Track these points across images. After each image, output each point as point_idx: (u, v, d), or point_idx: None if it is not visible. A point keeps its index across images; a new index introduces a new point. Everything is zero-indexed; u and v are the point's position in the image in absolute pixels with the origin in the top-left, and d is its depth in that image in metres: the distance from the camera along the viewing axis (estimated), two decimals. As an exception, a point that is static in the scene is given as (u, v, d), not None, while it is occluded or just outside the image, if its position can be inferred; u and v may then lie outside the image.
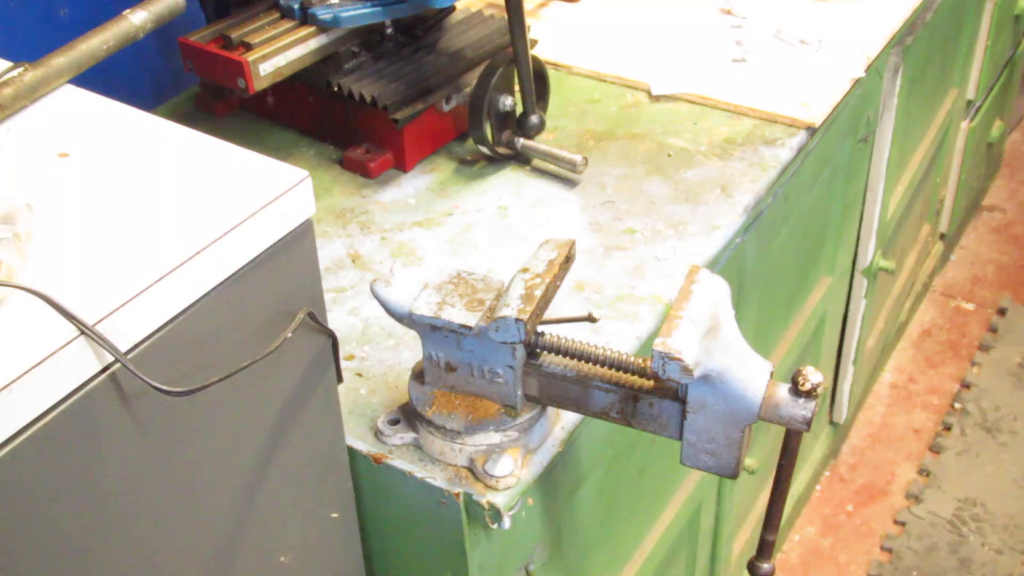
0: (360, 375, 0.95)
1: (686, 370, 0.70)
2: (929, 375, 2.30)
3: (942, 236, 2.44)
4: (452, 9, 1.26)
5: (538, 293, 0.76)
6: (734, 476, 0.79)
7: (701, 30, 1.45)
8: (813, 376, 0.74)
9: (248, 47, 1.09)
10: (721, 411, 0.75)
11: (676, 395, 0.76)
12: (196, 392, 0.64)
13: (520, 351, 0.78)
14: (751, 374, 0.74)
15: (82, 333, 0.58)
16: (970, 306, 2.46)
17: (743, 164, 1.19)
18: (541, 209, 1.14)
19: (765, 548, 0.86)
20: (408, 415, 0.87)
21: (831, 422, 2.01)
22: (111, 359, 0.60)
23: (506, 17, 1.14)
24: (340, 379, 0.83)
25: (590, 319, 0.85)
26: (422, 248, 1.10)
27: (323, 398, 0.81)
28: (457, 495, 0.83)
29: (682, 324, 0.72)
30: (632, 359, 0.78)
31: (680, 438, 0.78)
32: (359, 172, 1.21)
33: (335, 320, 1.00)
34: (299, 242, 0.72)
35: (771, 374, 0.75)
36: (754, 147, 1.22)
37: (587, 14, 1.51)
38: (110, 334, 0.60)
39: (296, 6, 1.12)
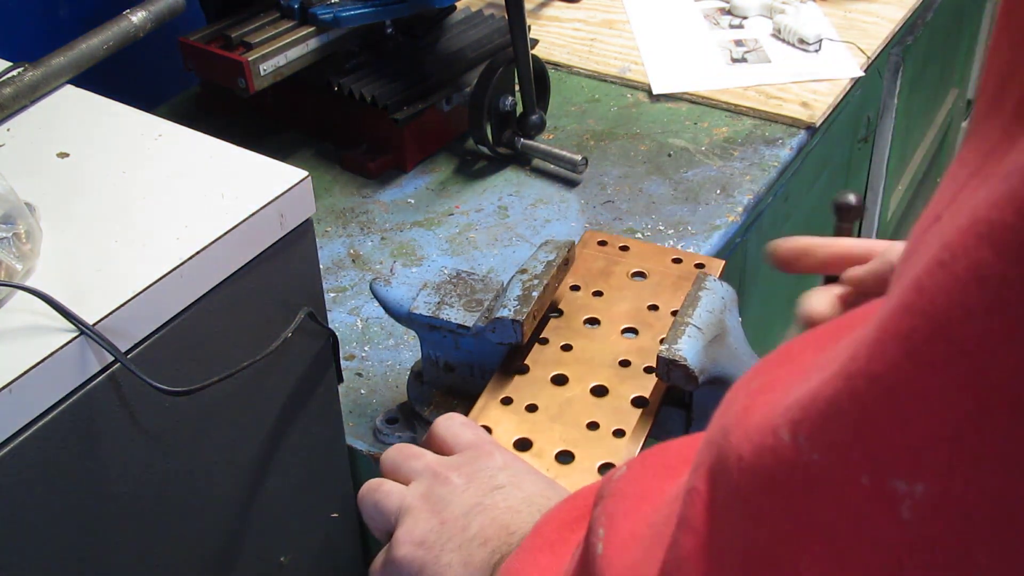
0: (360, 375, 0.95)
1: (691, 377, 0.70)
2: (929, 375, 2.29)
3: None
4: (452, 9, 1.27)
5: (535, 295, 0.76)
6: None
7: (701, 30, 1.45)
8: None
9: (248, 47, 1.09)
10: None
11: (681, 401, 0.76)
12: (196, 392, 0.64)
13: (519, 351, 0.78)
14: (754, 379, 0.74)
15: (82, 333, 0.58)
16: (970, 306, 2.46)
17: (743, 164, 1.19)
18: (541, 209, 1.15)
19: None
20: (406, 414, 0.88)
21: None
22: (111, 359, 0.61)
23: (506, 17, 1.14)
24: (340, 379, 0.83)
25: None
26: (422, 248, 1.10)
27: (323, 398, 0.81)
28: (457, 495, 0.84)
29: (688, 331, 0.72)
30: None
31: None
32: (359, 172, 1.21)
33: (335, 320, 1.00)
34: (299, 242, 0.72)
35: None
36: (754, 147, 1.22)
37: (587, 14, 1.51)
38: (110, 334, 0.60)
39: (296, 6, 1.12)
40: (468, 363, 0.80)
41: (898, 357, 0.27)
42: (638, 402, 0.73)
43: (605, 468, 0.68)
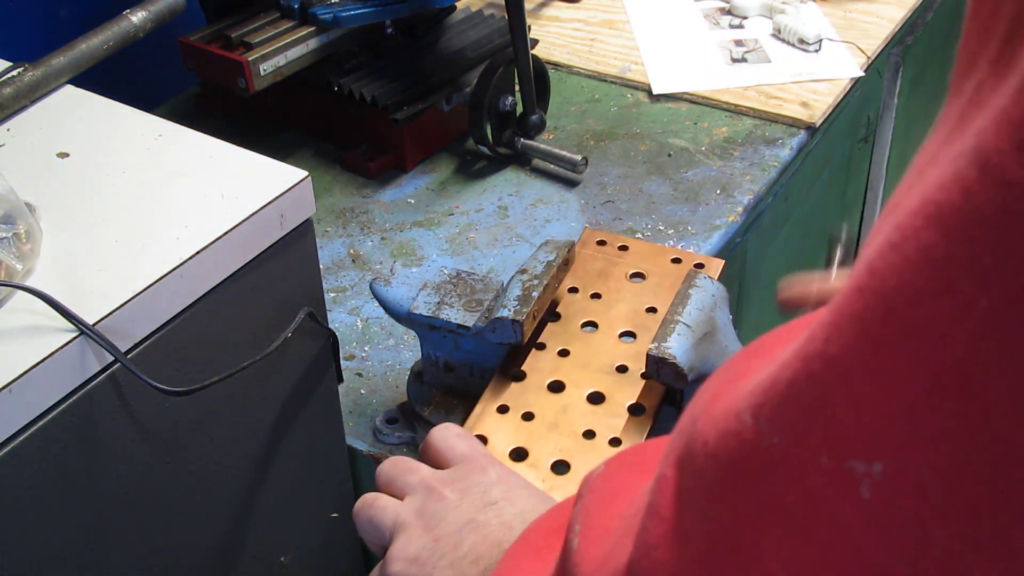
0: (360, 375, 0.95)
1: (680, 375, 0.70)
2: (929, 375, 2.29)
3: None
4: (452, 9, 1.27)
5: (535, 295, 0.76)
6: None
7: (701, 30, 1.45)
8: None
9: (248, 47, 1.09)
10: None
11: (673, 399, 0.76)
12: (196, 392, 0.64)
13: (519, 351, 0.78)
14: (747, 377, 0.74)
15: (82, 333, 0.58)
16: (970, 306, 2.45)
17: (743, 164, 1.19)
18: (541, 209, 1.15)
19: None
20: (406, 414, 0.88)
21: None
22: (111, 359, 0.61)
23: (506, 17, 1.14)
24: (340, 379, 0.83)
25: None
26: (422, 248, 1.10)
27: (323, 398, 0.81)
28: (457, 495, 0.83)
29: (677, 328, 0.72)
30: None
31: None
32: (359, 172, 1.21)
33: (335, 320, 1.00)
34: (299, 242, 0.72)
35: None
36: (754, 147, 1.22)
37: (587, 14, 1.51)
38: (110, 334, 0.60)
39: (296, 6, 1.12)
40: (468, 363, 0.80)
41: (853, 338, 0.27)
42: (635, 409, 0.73)
43: None
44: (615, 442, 0.70)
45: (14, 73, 0.80)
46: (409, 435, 0.87)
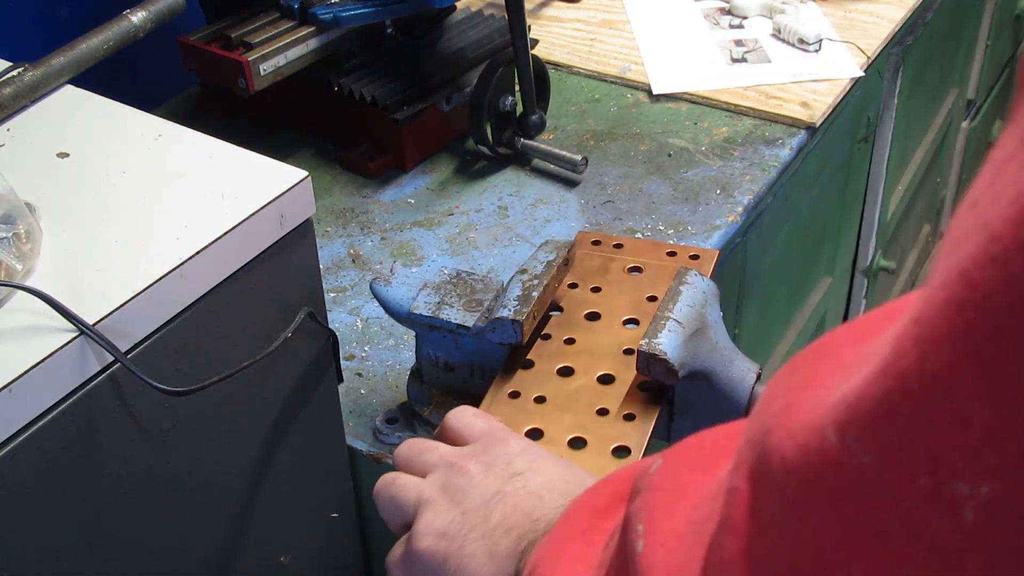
0: (360, 375, 0.95)
1: (671, 371, 0.70)
2: (929, 375, 2.29)
3: (943, 236, 2.44)
4: (452, 9, 1.27)
5: (535, 295, 0.76)
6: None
7: (701, 30, 1.45)
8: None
9: (248, 47, 1.09)
10: (708, 412, 0.75)
11: (663, 396, 0.76)
12: (196, 392, 0.64)
13: (519, 351, 0.78)
14: (737, 375, 0.74)
15: (82, 333, 0.58)
16: (970, 306, 2.45)
17: (743, 164, 1.19)
18: (541, 209, 1.15)
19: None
20: (406, 414, 0.88)
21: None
22: (111, 359, 0.61)
23: (506, 17, 1.14)
24: (340, 379, 0.83)
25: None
26: (422, 248, 1.10)
27: (323, 398, 0.81)
28: (457, 495, 0.83)
29: (668, 325, 0.72)
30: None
31: (668, 439, 0.78)
32: (359, 172, 1.21)
33: (335, 320, 1.00)
34: (299, 242, 0.72)
35: (758, 375, 0.75)
36: (754, 147, 1.22)
37: (587, 14, 1.51)
38: (110, 334, 0.60)
39: (296, 6, 1.12)
40: (468, 363, 0.80)
41: (955, 356, 0.26)
42: (646, 386, 0.73)
43: (619, 451, 0.68)
44: (629, 417, 0.71)
45: (14, 73, 0.80)
46: (409, 435, 0.87)
